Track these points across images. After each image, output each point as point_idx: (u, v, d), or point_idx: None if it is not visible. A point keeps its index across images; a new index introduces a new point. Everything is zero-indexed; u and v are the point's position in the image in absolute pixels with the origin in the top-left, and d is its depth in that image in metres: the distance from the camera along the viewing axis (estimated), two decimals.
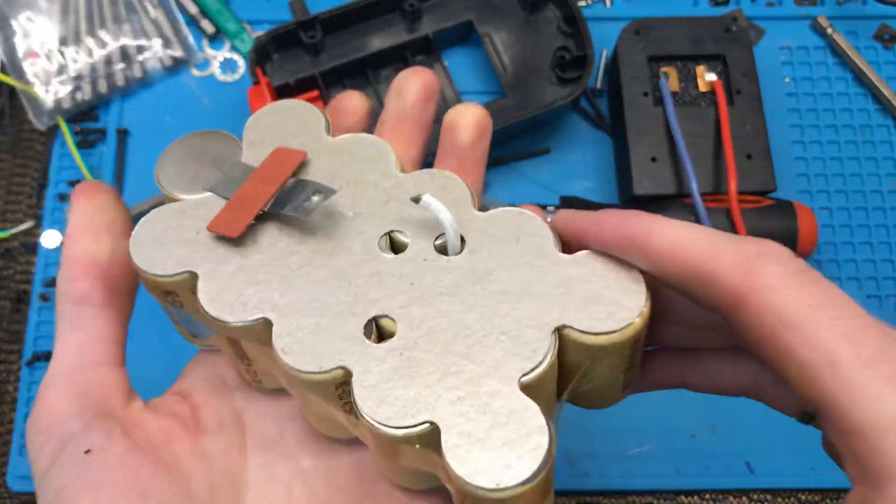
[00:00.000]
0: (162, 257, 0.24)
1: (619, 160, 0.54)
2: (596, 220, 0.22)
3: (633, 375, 0.25)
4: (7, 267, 0.53)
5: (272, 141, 0.26)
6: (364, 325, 0.22)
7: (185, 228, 0.25)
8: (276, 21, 0.57)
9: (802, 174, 0.55)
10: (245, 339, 0.24)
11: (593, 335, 0.21)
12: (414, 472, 0.24)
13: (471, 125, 0.29)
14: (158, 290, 0.25)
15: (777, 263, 0.19)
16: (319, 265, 0.24)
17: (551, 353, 0.21)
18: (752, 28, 0.58)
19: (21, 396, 0.49)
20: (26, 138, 0.55)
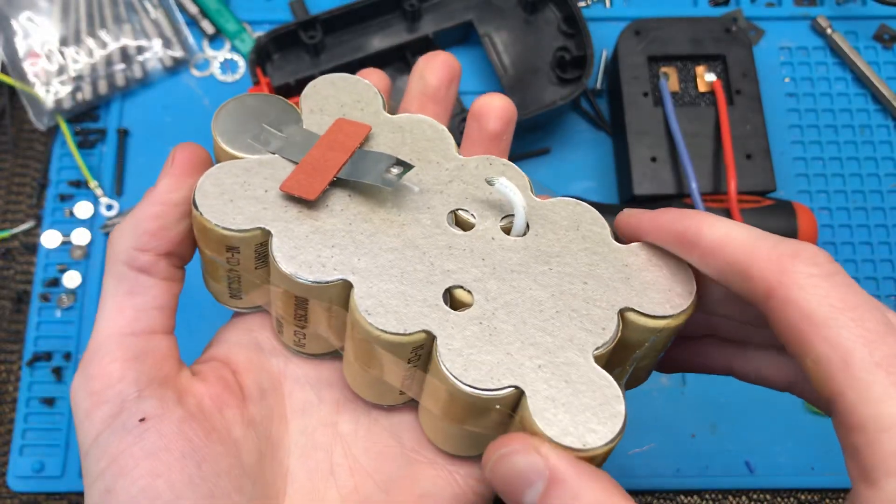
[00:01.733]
0: (231, 212, 0.24)
1: (619, 160, 0.54)
2: (654, 216, 0.24)
3: (659, 359, 0.27)
4: (7, 267, 0.53)
5: (332, 111, 0.27)
6: (442, 293, 0.23)
7: (254, 186, 0.25)
8: (276, 21, 0.57)
9: (802, 174, 0.55)
10: (317, 299, 0.24)
11: (655, 318, 0.23)
12: (468, 438, 0.25)
13: (498, 114, 0.30)
14: (220, 246, 0.25)
15: (810, 264, 0.20)
16: (392, 234, 0.24)
17: (619, 331, 0.23)
18: (752, 28, 0.58)
19: (21, 396, 0.49)
20: (27, 138, 0.55)
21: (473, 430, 0.23)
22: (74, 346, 0.50)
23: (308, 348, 0.28)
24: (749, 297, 0.22)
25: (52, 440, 0.49)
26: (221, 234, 0.24)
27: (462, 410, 0.23)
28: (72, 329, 0.51)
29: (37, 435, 0.49)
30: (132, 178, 0.54)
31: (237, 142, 0.26)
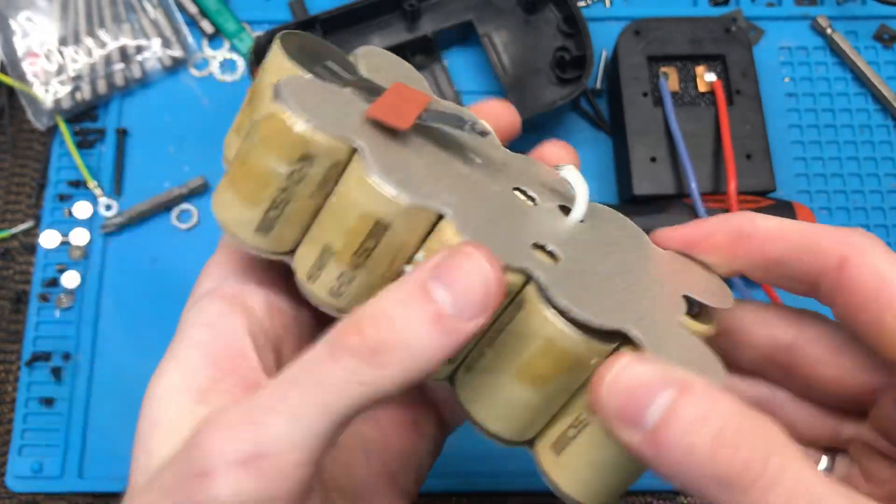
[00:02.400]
0: (314, 118, 0.21)
1: (619, 160, 0.54)
2: (697, 225, 0.26)
3: None
4: (6, 267, 0.53)
5: (388, 77, 0.26)
6: (530, 245, 0.23)
7: (335, 104, 0.22)
8: (275, 21, 0.57)
9: (802, 174, 0.55)
10: (404, 225, 0.21)
11: (715, 308, 0.24)
12: (530, 410, 0.23)
13: (503, 125, 0.32)
14: (294, 153, 0.21)
15: (871, 238, 0.22)
16: (471, 187, 0.24)
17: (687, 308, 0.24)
18: (752, 28, 0.58)
19: (20, 396, 0.49)
20: (26, 138, 0.55)
21: (546, 395, 0.22)
22: (73, 347, 0.50)
23: (344, 298, 0.23)
24: (815, 273, 0.23)
25: (51, 440, 0.49)
26: (306, 137, 0.21)
27: (554, 363, 0.22)
28: (71, 329, 0.51)
29: (35, 435, 0.49)
30: (131, 177, 0.54)
31: (304, 64, 0.24)
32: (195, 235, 0.53)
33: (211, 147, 0.55)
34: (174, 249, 0.53)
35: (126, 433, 0.51)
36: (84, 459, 0.48)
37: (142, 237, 0.53)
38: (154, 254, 0.53)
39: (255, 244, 0.24)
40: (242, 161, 0.22)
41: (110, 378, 0.50)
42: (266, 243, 0.24)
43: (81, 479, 0.48)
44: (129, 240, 0.53)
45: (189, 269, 0.53)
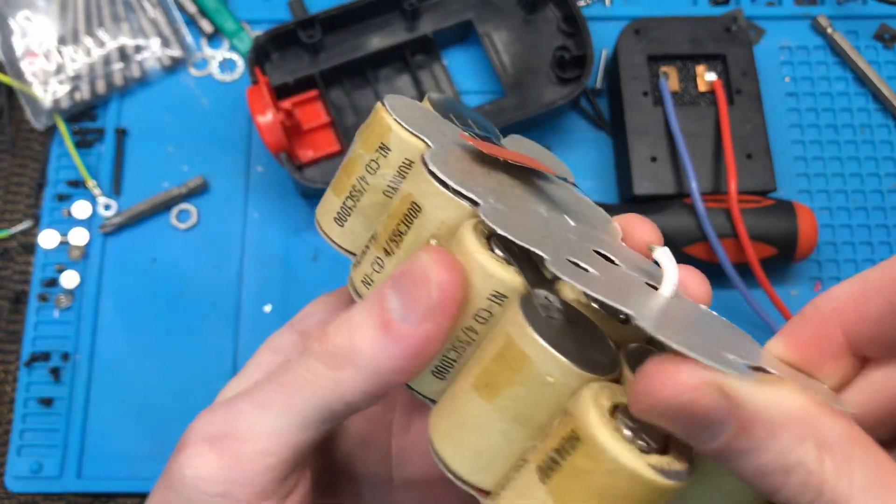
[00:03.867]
0: (408, 119, 0.24)
1: (619, 160, 0.54)
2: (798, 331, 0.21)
3: None
4: (5, 267, 0.52)
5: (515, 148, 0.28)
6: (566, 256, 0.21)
7: (434, 123, 0.25)
8: (274, 20, 0.57)
9: (802, 174, 0.55)
10: (434, 208, 0.21)
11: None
12: (507, 440, 0.20)
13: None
14: (376, 140, 0.24)
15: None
16: (538, 217, 0.23)
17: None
18: (752, 28, 0.58)
19: (19, 397, 0.49)
20: (24, 138, 0.55)
21: (502, 414, 0.19)
22: (72, 347, 0.50)
23: (372, 287, 0.24)
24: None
25: (50, 441, 0.48)
26: (388, 123, 0.23)
27: (509, 368, 0.19)
28: (70, 329, 0.51)
29: (34, 435, 0.49)
30: (130, 177, 0.54)
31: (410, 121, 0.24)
32: (194, 235, 0.53)
33: (210, 147, 0.55)
34: (173, 249, 0.53)
35: (125, 433, 0.51)
36: (83, 460, 0.48)
37: (141, 237, 0.53)
38: (153, 254, 0.52)
39: (329, 230, 0.26)
40: (346, 158, 0.25)
41: (109, 378, 0.50)
42: (338, 233, 0.25)
43: (80, 479, 0.48)
44: (129, 240, 0.53)
45: (188, 269, 0.53)
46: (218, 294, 0.52)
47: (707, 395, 0.16)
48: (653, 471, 0.17)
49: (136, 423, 0.49)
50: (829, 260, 0.53)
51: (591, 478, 0.17)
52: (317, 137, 0.52)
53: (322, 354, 0.21)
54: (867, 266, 0.52)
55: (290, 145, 0.50)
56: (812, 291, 0.52)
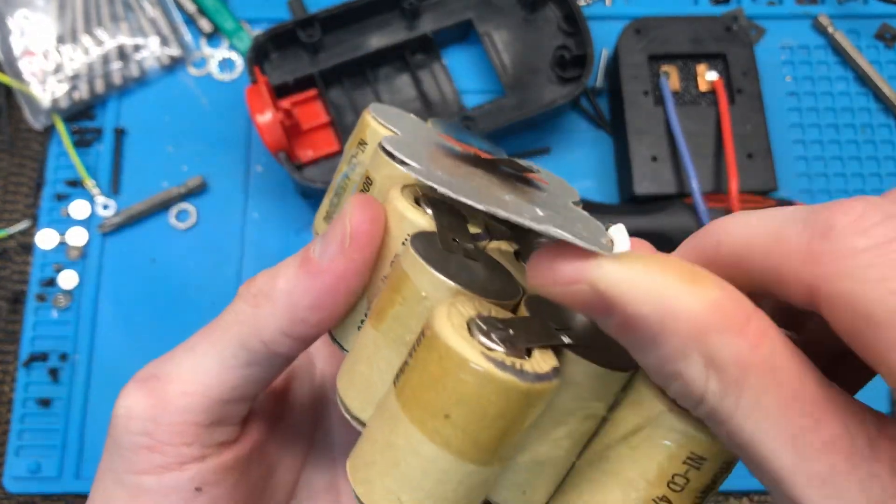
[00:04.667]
0: (385, 117, 0.25)
1: (620, 159, 0.54)
2: (679, 253, 0.19)
3: None
4: (3, 267, 0.52)
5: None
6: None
7: (413, 124, 0.26)
8: (274, 20, 0.57)
9: (803, 173, 0.55)
10: (391, 178, 0.22)
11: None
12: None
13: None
14: (357, 137, 0.25)
15: (853, 233, 0.14)
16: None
17: None
18: (753, 27, 0.58)
19: (17, 397, 0.49)
20: (23, 137, 0.55)
21: (385, 337, 0.20)
22: (71, 347, 0.50)
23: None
24: (797, 304, 0.16)
25: (49, 441, 0.48)
26: (367, 121, 0.25)
27: (399, 291, 0.19)
28: (68, 329, 0.50)
29: (33, 436, 0.48)
30: (129, 177, 0.54)
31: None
32: (194, 235, 0.53)
33: (210, 146, 0.55)
34: (172, 249, 0.52)
35: None
36: (82, 460, 0.48)
37: (140, 237, 0.53)
38: (152, 254, 0.52)
39: (319, 229, 0.27)
40: (345, 150, 0.27)
41: (108, 378, 0.50)
42: (325, 229, 0.26)
43: (79, 479, 0.48)
44: (127, 239, 0.53)
45: (187, 269, 0.53)
46: (218, 294, 0.51)
47: (582, 291, 0.16)
48: (484, 359, 0.16)
49: None
50: None
51: (427, 369, 0.17)
52: (316, 137, 0.52)
53: (247, 295, 0.22)
54: None
55: (290, 145, 0.50)
56: None
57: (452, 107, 0.54)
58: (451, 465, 0.17)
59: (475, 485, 0.18)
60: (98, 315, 0.51)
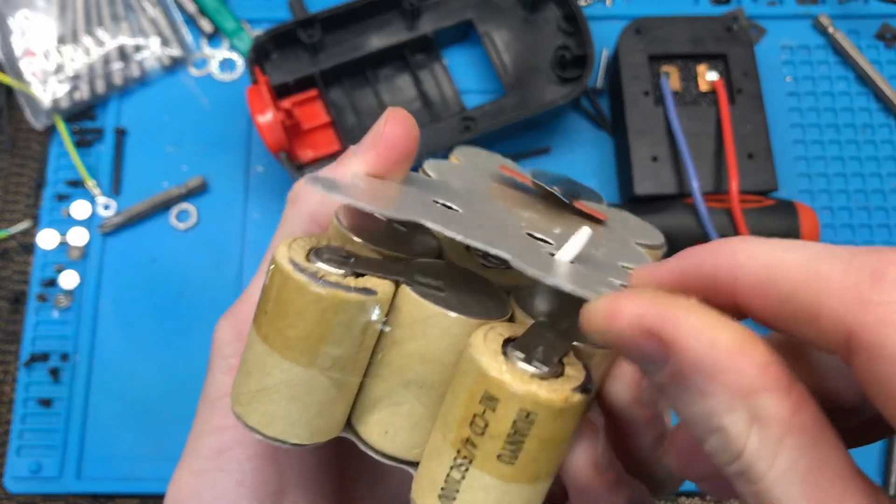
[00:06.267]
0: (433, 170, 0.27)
1: (620, 160, 0.54)
2: (674, 265, 0.19)
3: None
4: (4, 267, 0.52)
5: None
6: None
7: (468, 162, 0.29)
8: (274, 20, 0.57)
9: (804, 174, 0.55)
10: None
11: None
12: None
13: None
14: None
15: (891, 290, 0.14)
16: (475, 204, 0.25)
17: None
18: (753, 27, 0.58)
19: (18, 397, 0.49)
20: (24, 138, 0.55)
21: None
22: (72, 347, 0.50)
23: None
24: (822, 345, 0.16)
25: (50, 441, 0.48)
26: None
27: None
28: (69, 329, 0.50)
29: (34, 436, 0.48)
30: (130, 177, 0.54)
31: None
32: (194, 235, 0.53)
33: (210, 147, 0.55)
34: (173, 249, 0.52)
35: (124, 434, 0.51)
36: (82, 460, 0.48)
37: (140, 237, 0.53)
38: (153, 254, 0.52)
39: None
40: None
41: (109, 378, 0.50)
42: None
43: (80, 479, 0.48)
44: (128, 240, 0.53)
45: (188, 269, 0.53)
46: (218, 294, 0.51)
47: (640, 337, 0.16)
48: (295, 269, 0.19)
49: (136, 423, 0.49)
50: None
51: (268, 292, 0.20)
52: (317, 137, 0.52)
53: (288, 199, 0.26)
54: None
55: (290, 145, 0.50)
56: None
57: (453, 107, 0.54)
58: (272, 360, 0.20)
59: (298, 383, 0.20)
60: (99, 315, 0.51)
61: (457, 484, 0.19)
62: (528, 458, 0.18)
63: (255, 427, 0.20)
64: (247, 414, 0.21)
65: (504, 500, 0.19)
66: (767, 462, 0.15)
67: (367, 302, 0.19)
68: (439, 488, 0.19)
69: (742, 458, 0.15)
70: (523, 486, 0.19)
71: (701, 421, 0.16)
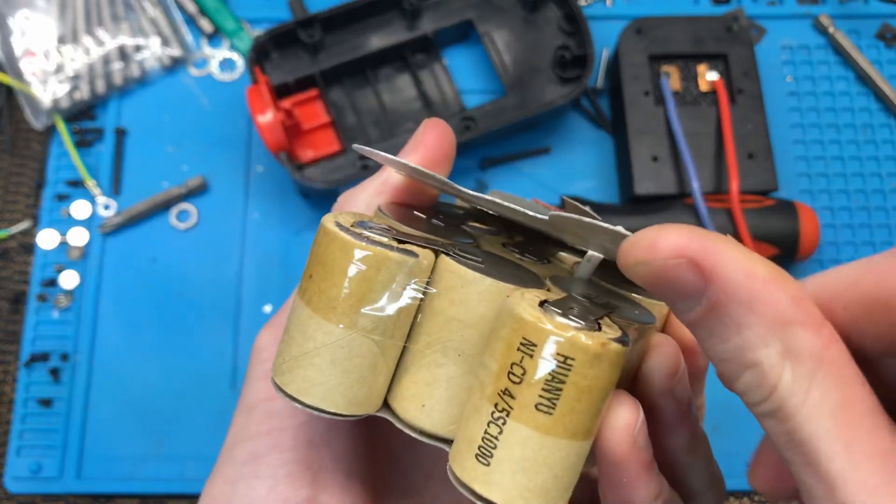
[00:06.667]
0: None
1: (620, 160, 0.54)
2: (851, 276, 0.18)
3: None
4: (4, 267, 0.52)
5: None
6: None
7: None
8: (274, 20, 0.57)
9: (804, 174, 0.55)
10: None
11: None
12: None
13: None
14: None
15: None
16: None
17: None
18: (754, 27, 0.58)
19: (18, 397, 0.49)
20: (24, 138, 0.55)
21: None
22: (72, 347, 0.50)
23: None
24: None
25: (50, 441, 0.48)
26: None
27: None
28: (69, 329, 0.50)
29: (34, 436, 0.48)
30: (130, 177, 0.54)
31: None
32: (194, 235, 0.53)
33: (210, 147, 0.55)
34: (173, 249, 0.52)
35: (125, 434, 0.51)
36: (83, 460, 0.48)
37: (140, 237, 0.53)
38: (153, 254, 0.52)
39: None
40: None
41: (109, 378, 0.50)
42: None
43: (80, 479, 0.48)
44: (128, 240, 0.53)
45: (188, 269, 0.53)
46: (218, 294, 0.51)
47: (680, 266, 0.16)
48: (341, 229, 0.20)
49: (136, 423, 0.49)
50: (830, 260, 0.53)
51: (315, 253, 0.21)
52: (317, 137, 0.52)
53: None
54: None
55: (290, 145, 0.50)
56: None
57: (453, 107, 0.54)
58: (314, 322, 0.20)
59: (339, 346, 0.20)
60: (99, 315, 0.51)
61: (494, 440, 0.19)
62: (567, 408, 0.18)
63: (294, 395, 0.20)
64: (287, 382, 0.21)
65: (542, 454, 0.18)
66: (800, 398, 0.15)
67: (408, 261, 0.20)
68: (476, 447, 0.19)
69: (775, 393, 0.16)
70: (561, 440, 0.18)
71: (735, 356, 0.16)
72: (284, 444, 0.25)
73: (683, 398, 0.22)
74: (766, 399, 0.16)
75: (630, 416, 0.19)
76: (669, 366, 0.21)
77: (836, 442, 0.15)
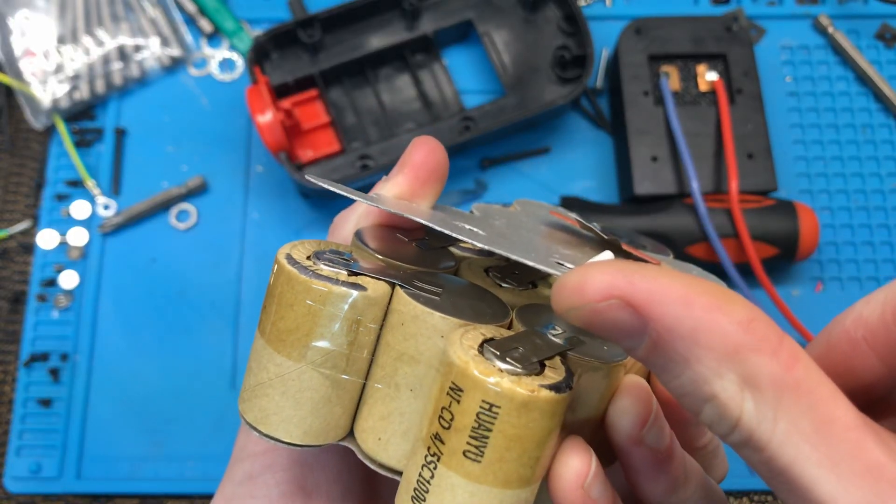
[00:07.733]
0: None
1: (620, 160, 0.54)
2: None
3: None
4: (4, 267, 0.52)
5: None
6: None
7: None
8: (274, 20, 0.57)
9: (803, 174, 0.55)
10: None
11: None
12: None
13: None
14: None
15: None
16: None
17: None
18: (753, 27, 0.58)
19: (18, 397, 0.49)
20: (24, 138, 0.55)
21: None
22: (71, 347, 0.50)
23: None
24: None
25: (49, 441, 0.48)
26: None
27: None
28: (69, 329, 0.50)
29: (34, 436, 0.48)
30: (129, 177, 0.54)
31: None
32: (194, 235, 0.53)
33: (210, 147, 0.55)
34: (173, 249, 0.52)
35: (124, 434, 0.51)
36: (82, 460, 0.48)
37: (140, 237, 0.53)
38: (153, 254, 0.52)
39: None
40: None
41: (109, 379, 0.50)
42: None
43: (79, 480, 0.48)
44: (128, 240, 0.53)
45: (188, 269, 0.53)
46: (218, 294, 0.51)
47: (612, 307, 0.15)
48: (290, 263, 0.20)
49: (136, 423, 0.49)
50: (830, 260, 0.53)
51: (272, 293, 0.21)
52: (317, 137, 0.52)
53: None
54: (869, 266, 0.52)
55: (290, 145, 0.50)
56: (814, 292, 0.52)
57: (452, 107, 0.54)
58: (267, 354, 0.20)
59: (289, 378, 0.20)
60: (98, 315, 0.51)
61: (427, 484, 0.18)
62: (496, 456, 0.17)
63: (253, 423, 0.20)
64: (246, 410, 0.21)
65: (472, 501, 0.18)
66: (767, 426, 0.14)
67: (353, 295, 0.19)
68: (412, 489, 0.19)
69: (741, 425, 0.15)
70: (492, 489, 0.18)
71: (691, 391, 0.15)
72: (279, 465, 0.25)
73: (660, 446, 0.20)
74: (732, 431, 0.15)
75: (580, 465, 0.18)
76: (637, 412, 0.20)
77: (820, 465, 0.14)
